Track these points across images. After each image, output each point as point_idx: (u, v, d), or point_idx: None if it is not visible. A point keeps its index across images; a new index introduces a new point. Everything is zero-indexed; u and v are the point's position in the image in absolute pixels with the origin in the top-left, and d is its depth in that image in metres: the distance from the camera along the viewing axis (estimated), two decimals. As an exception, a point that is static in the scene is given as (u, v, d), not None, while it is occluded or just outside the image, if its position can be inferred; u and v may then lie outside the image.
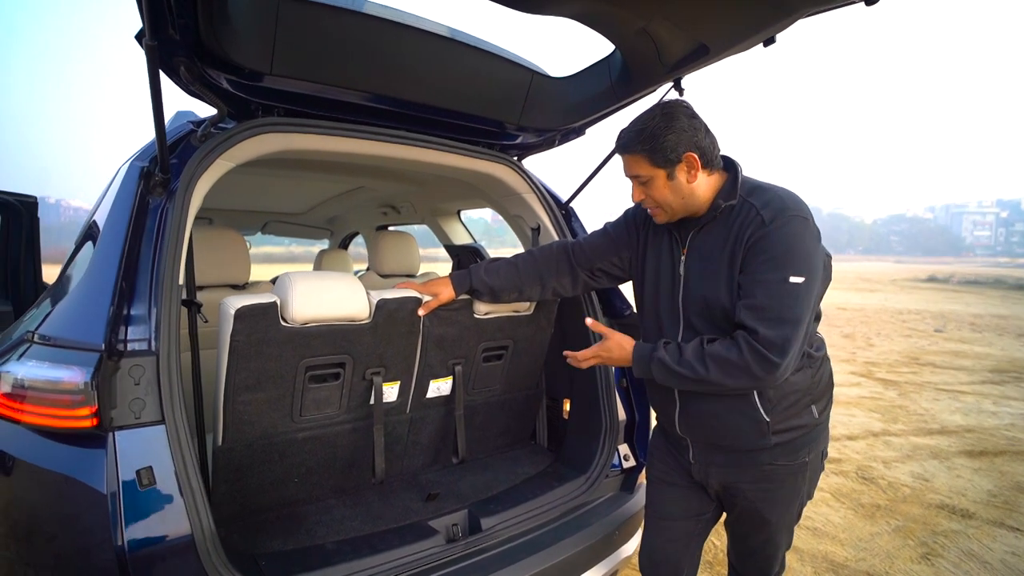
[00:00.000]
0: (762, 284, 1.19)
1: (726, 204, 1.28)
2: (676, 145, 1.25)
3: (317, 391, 1.58)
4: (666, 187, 1.29)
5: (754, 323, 1.17)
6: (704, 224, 1.33)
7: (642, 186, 1.33)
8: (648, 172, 1.29)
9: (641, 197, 1.35)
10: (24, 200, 2.55)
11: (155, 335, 1.19)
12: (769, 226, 1.20)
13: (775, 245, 1.19)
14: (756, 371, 1.16)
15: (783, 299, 1.17)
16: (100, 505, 1.06)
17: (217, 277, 2.06)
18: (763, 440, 1.29)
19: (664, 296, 1.40)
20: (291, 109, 1.60)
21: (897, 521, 2.99)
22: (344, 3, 1.40)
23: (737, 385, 1.21)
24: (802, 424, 1.31)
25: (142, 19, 1.05)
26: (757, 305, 1.18)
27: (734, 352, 1.18)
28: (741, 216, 1.25)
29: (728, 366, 1.19)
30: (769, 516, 1.37)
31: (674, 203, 1.31)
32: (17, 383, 1.13)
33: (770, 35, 1.37)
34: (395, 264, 2.82)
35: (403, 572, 1.40)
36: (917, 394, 5.81)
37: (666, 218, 1.36)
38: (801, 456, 1.33)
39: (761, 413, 1.27)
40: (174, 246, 1.29)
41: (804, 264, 1.18)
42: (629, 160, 1.33)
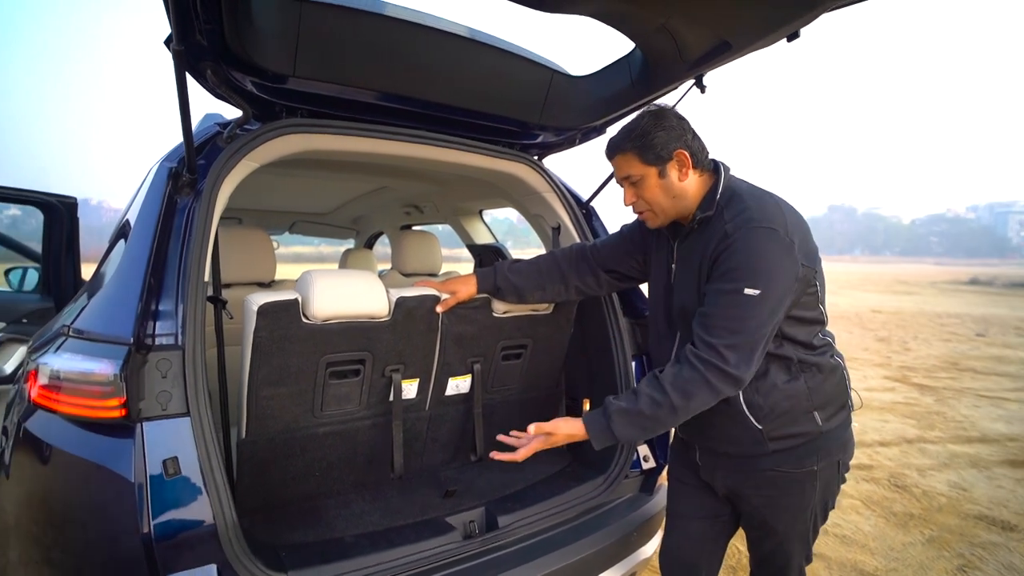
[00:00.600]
0: (716, 295, 1.20)
1: (702, 216, 1.28)
2: (666, 142, 1.26)
3: (337, 387, 1.61)
4: (658, 186, 1.30)
5: (701, 331, 1.19)
6: (687, 234, 1.34)
7: (633, 187, 1.33)
8: (639, 171, 1.30)
9: (633, 200, 1.35)
10: (64, 201, 2.66)
11: (181, 330, 1.23)
12: (731, 238, 1.20)
13: (732, 256, 1.19)
14: (714, 383, 1.16)
15: (734, 309, 1.16)
16: (128, 493, 1.10)
17: (243, 275, 2.11)
18: (760, 447, 1.27)
19: (659, 303, 1.43)
20: (314, 110, 1.63)
21: (932, 531, 2.89)
22: (364, 5, 1.42)
23: (704, 401, 1.19)
24: (803, 432, 1.27)
25: (170, 25, 1.09)
26: (709, 314, 1.19)
27: (686, 369, 1.18)
28: (713, 228, 1.26)
29: (687, 385, 1.18)
30: (775, 524, 1.34)
31: (665, 204, 1.31)
32: (54, 374, 1.18)
33: (794, 30, 1.34)
34: (417, 263, 2.85)
35: (420, 567, 1.41)
36: (956, 400, 5.60)
37: (658, 222, 1.36)
38: (808, 464, 1.29)
39: (752, 421, 1.25)
40: (200, 244, 1.33)
41: (761, 276, 1.16)
42: (620, 161, 1.33)
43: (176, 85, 1.18)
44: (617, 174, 1.37)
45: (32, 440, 1.22)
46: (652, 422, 1.22)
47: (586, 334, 2.09)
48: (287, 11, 1.33)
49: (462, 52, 1.62)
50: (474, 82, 1.73)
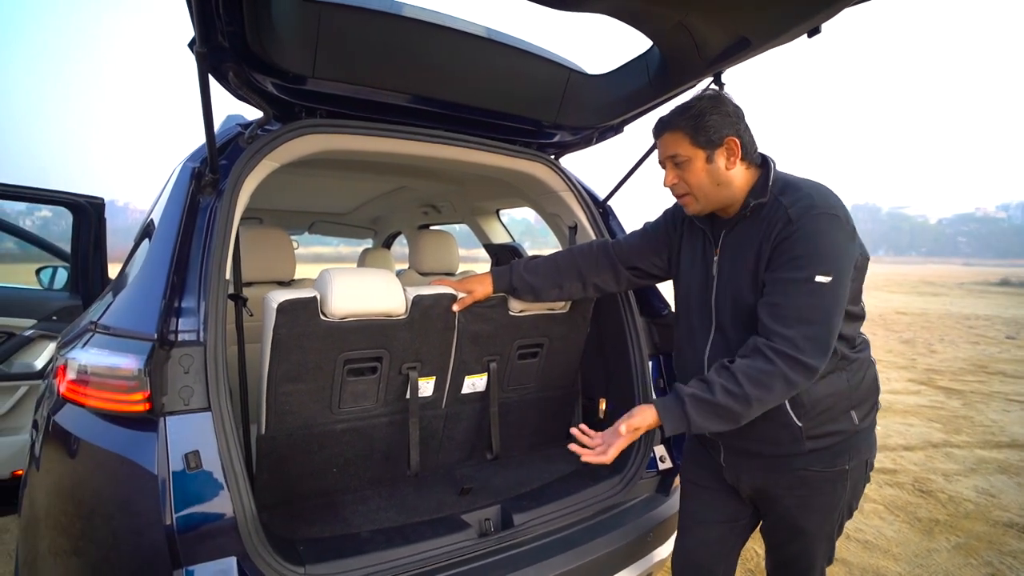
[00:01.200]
0: (784, 284, 1.15)
1: (756, 202, 1.24)
2: (720, 127, 1.23)
3: (355, 384, 1.63)
4: (703, 171, 1.26)
5: (773, 322, 1.14)
6: (736, 223, 1.30)
7: (677, 168, 1.29)
8: (687, 152, 1.26)
9: (674, 181, 1.30)
10: (92, 201, 2.73)
11: (203, 327, 1.26)
12: (796, 223, 1.16)
13: (800, 243, 1.15)
14: (792, 377, 1.12)
15: (807, 299, 1.13)
16: (151, 485, 1.13)
17: (264, 274, 2.15)
18: (796, 446, 1.24)
19: (696, 297, 1.38)
20: (333, 111, 1.65)
21: (958, 538, 2.81)
22: (382, 6, 1.44)
23: (779, 394, 1.15)
24: (840, 430, 1.25)
25: (193, 27, 1.11)
26: (778, 304, 1.15)
27: (760, 361, 1.13)
28: (770, 214, 1.22)
29: (762, 376, 1.13)
30: (805, 525, 1.31)
31: (708, 189, 1.27)
32: (81, 369, 1.21)
33: (815, 25, 1.32)
34: (434, 262, 2.87)
35: (435, 563, 1.42)
36: (984, 404, 5.45)
37: (697, 207, 1.31)
38: (840, 463, 1.27)
39: (792, 418, 1.22)
40: (222, 243, 1.36)
41: (832, 263, 1.14)
42: (669, 139, 1.29)
43: (199, 87, 1.20)
44: (662, 152, 1.32)
45: (61, 433, 1.26)
46: (726, 412, 1.16)
47: (603, 333, 2.09)
48: (306, 13, 1.36)
49: (479, 52, 1.63)
50: (491, 82, 1.74)
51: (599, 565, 1.54)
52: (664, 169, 1.34)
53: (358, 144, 1.70)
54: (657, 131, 1.33)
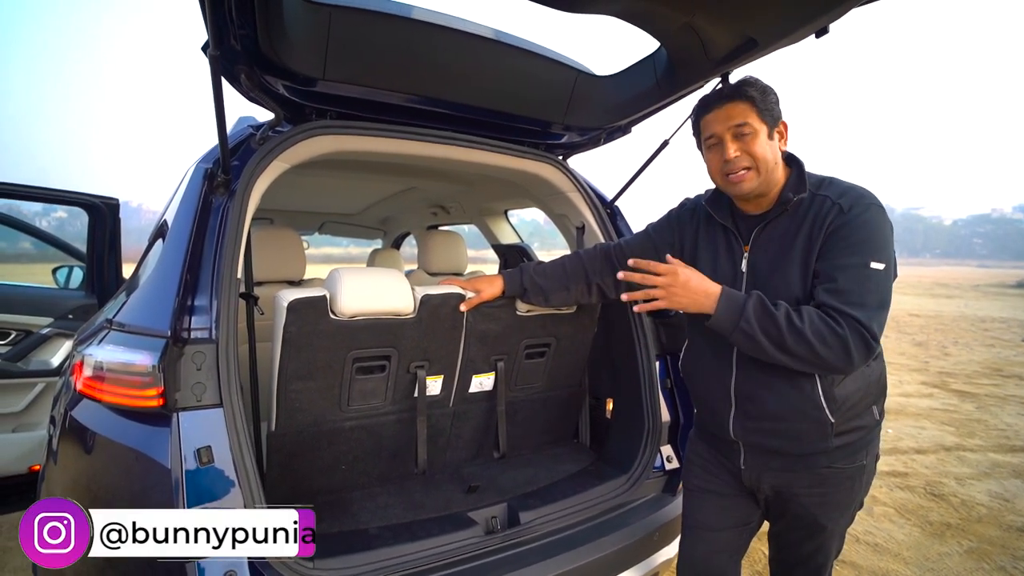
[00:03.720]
0: (843, 269, 1.15)
1: (796, 197, 1.24)
2: (777, 106, 1.25)
3: (364, 382, 1.65)
4: (767, 144, 1.25)
5: (842, 306, 1.13)
6: (771, 219, 1.28)
7: (740, 140, 1.25)
8: (755, 123, 1.24)
9: (737, 153, 1.25)
10: (107, 202, 2.78)
11: (215, 325, 1.29)
12: (849, 213, 1.17)
13: (856, 231, 1.16)
14: (853, 348, 1.11)
15: (866, 283, 1.13)
16: (165, 479, 1.16)
17: (274, 273, 2.18)
18: (824, 443, 1.23)
19: None
20: (343, 112, 1.68)
21: (970, 542, 2.78)
22: (391, 9, 1.45)
23: (825, 358, 1.13)
24: (864, 425, 1.26)
25: (207, 31, 1.13)
26: (840, 289, 1.14)
27: (831, 323, 1.12)
28: (814, 208, 1.22)
29: (828, 333, 1.12)
30: (824, 522, 1.31)
31: (771, 166, 1.25)
32: (97, 365, 1.24)
33: (823, 25, 1.32)
34: (442, 263, 2.89)
35: (442, 560, 1.43)
36: (999, 408, 5.38)
37: (755, 184, 1.26)
38: (859, 459, 1.27)
39: (827, 414, 1.21)
40: (234, 243, 1.39)
41: (884, 251, 1.15)
42: (736, 108, 1.25)
43: (212, 89, 1.23)
44: (724, 123, 1.26)
45: (78, 428, 1.29)
46: (775, 335, 1.15)
47: (610, 334, 2.09)
48: (317, 16, 1.38)
49: (487, 53, 1.64)
50: (499, 83, 1.75)
51: (605, 564, 1.54)
52: (714, 145, 1.30)
53: (368, 145, 1.73)
54: (717, 100, 1.29)
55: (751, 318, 1.17)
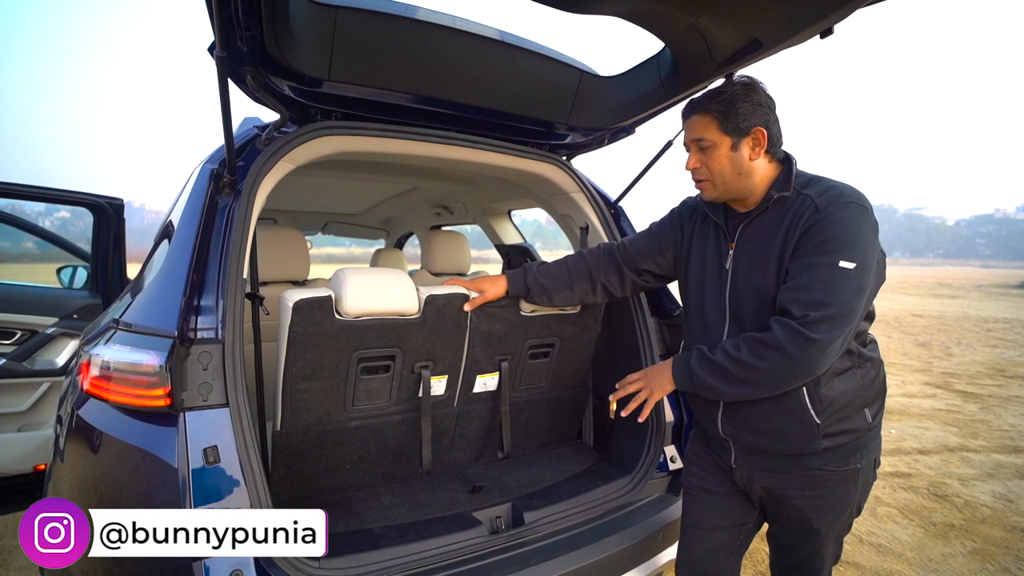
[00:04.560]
0: (809, 267, 1.15)
1: (779, 195, 1.25)
2: (749, 116, 1.24)
3: (368, 382, 1.65)
4: (726, 158, 1.27)
5: (790, 304, 1.15)
6: (754, 216, 1.30)
7: (700, 152, 1.30)
8: (714, 137, 1.27)
9: (696, 165, 1.32)
10: (112, 202, 2.79)
11: (221, 325, 1.29)
12: (824, 211, 1.17)
13: (827, 229, 1.16)
14: (790, 349, 1.12)
15: (829, 282, 1.13)
16: (172, 478, 1.16)
17: (279, 273, 2.18)
18: (812, 444, 1.24)
19: (710, 291, 1.38)
20: (348, 113, 1.68)
21: (974, 543, 2.78)
22: (396, 10, 1.46)
23: (773, 370, 1.15)
24: (854, 428, 1.25)
25: (213, 32, 1.14)
26: (798, 286, 1.15)
27: (766, 334, 1.17)
28: (795, 206, 1.23)
29: (760, 347, 1.16)
30: (817, 525, 1.31)
31: (729, 177, 1.28)
32: (104, 365, 1.25)
33: (827, 26, 1.32)
34: (446, 263, 2.89)
35: (447, 559, 1.44)
36: (1002, 408, 5.37)
37: (714, 194, 1.32)
38: (852, 462, 1.27)
39: (812, 415, 1.22)
40: (239, 243, 1.39)
41: (857, 250, 1.14)
42: (696, 122, 1.30)
43: (218, 90, 1.23)
44: (688, 135, 1.33)
45: (85, 427, 1.30)
46: (724, 373, 1.22)
47: (614, 334, 2.09)
48: (323, 17, 1.38)
49: (492, 54, 1.65)
50: (504, 84, 1.75)
51: (609, 564, 1.54)
52: (688, 152, 1.35)
53: (372, 146, 1.73)
54: (686, 113, 1.34)
55: (699, 373, 1.27)
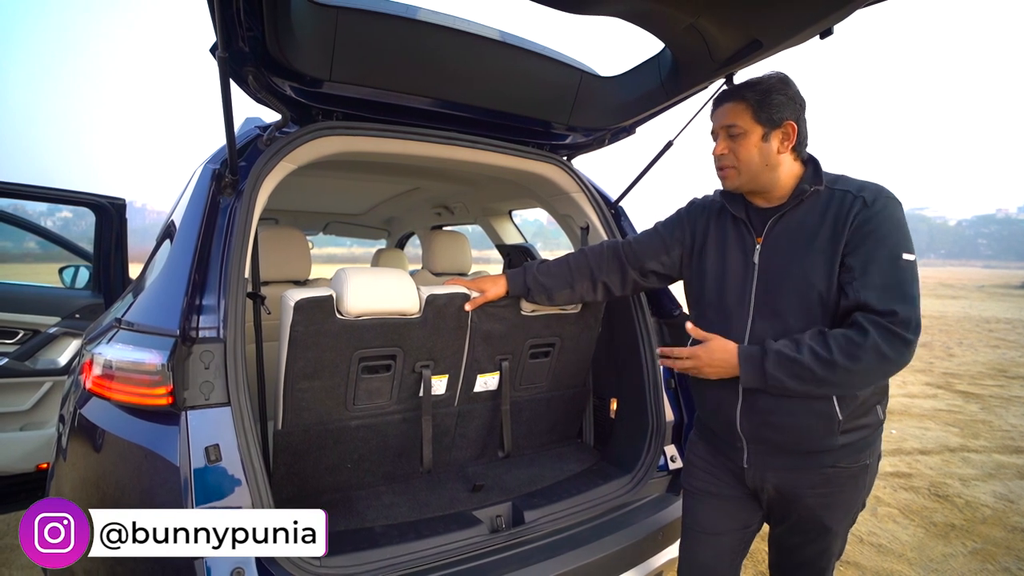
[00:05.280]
0: (878, 263, 1.16)
1: (813, 188, 1.26)
2: (782, 108, 1.25)
3: (369, 381, 1.66)
4: (756, 147, 1.27)
5: (880, 303, 1.13)
6: (786, 211, 1.29)
7: (730, 140, 1.30)
8: (746, 125, 1.27)
9: (724, 151, 1.32)
10: (114, 202, 2.80)
11: (223, 324, 1.30)
12: (873, 206, 1.18)
13: (883, 225, 1.17)
14: (887, 352, 1.11)
15: (901, 276, 1.14)
16: (174, 476, 1.17)
17: (280, 273, 2.19)
18: (831, 440, 1.23)
19: (732, 285, 1.35)
20: (349, 113, 1.69)
21: (975, 543, 2.78)
22: (397, 11, 1.46)
23: (864, 370, 1.13)
24: (868, 424, 1.26)
25: (216, 33, 1.14)
26: (878, 284, 1.14)
27: (855, 331, 1.14)
28: (835, 201, 1.23)
29: (853, 347, 1.12)
30: (829, 523, 1.31)
31: (756, 167, 1.28)
32: (107, 364, 1.25)
33: (827, 26, 1.32)
34: (447, 263, 2.89)
35: (447, 558, 1.44)
36: (1004, 409, 5.36)
37: (737, 183, 1.32)
38: (863, 458, 1.28)
39: (836, 409, 1.21)
40: (241, 242, 1.40)
41: (911, 243, 1.18)
42: (730, 108, 1.30)
43: (220, 90, 1.24)
44: (719, 121, 1.32)
45: (87, 426, 1.30)
46: (809, 375, 1.16)
47: (614, 334, 2.10)
48: (324, 18, 1.39)
49: (492, 55, 1.65)
50: (504, 84, 1.76)
51: (609, 563, 1.55)
52: (716, 139, 1.35)
53: (373, 146, 1.73)
54: (719, 99, 1.34)
55: (775, 375, 1.19)
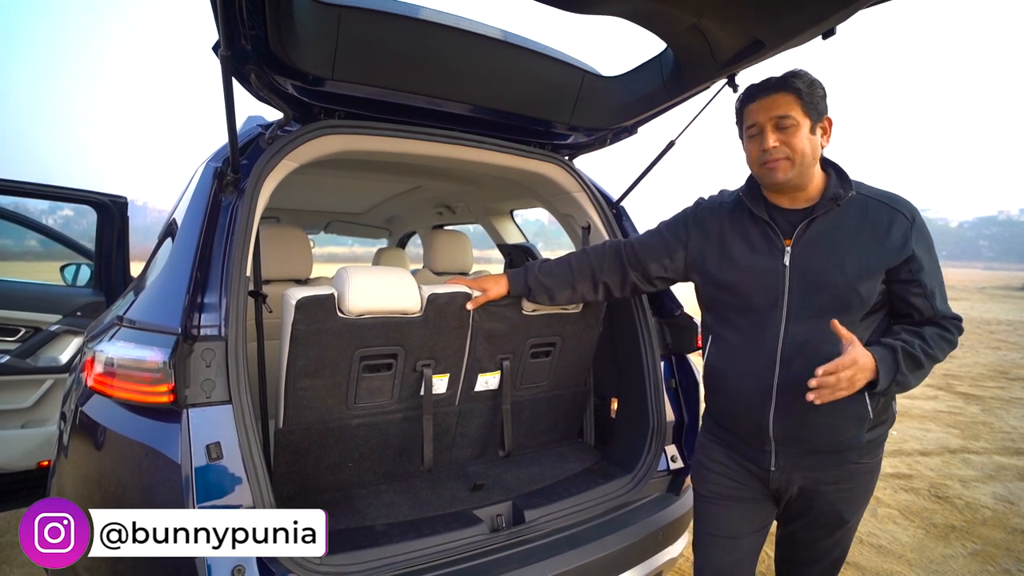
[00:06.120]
0: (935, 276, 1.28)
1: (848, 195, 1.28)
2: (823, 100, 1.27)
3: (371, 380, 1.66)
4: (807, 139, 1.26)
5: (949, 310, 1.28)
6: (819, 215, 1.28)
7: (781, 131, 1.26)
8: (798, 116, 1.25)
9: (776, 144, 1.26)
10: (116, 200, 2.80)
11: (224, 322, 1.30)
12: (915, 223, 1.26)
13: (926, 238, 1.27)
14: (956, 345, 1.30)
15: (943, 282, 1.30)
16: (175, 474, 1.17)
17: (282, 272, 2.19)
18: (858, 437, 1.27)
19: (762, 290, 1.32)
20: (351, 112, 1.69)
21: (975, 544, 2.78)
22: (400, 10, 1.46)
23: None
24: (888, 419, 1.33)
25: (218, 31, 1.14)
26: (940, 295, 1.27)
27: (947, 335, 1.27)
28: (872, 210, 1.27)
29: (946, 344, 1.27)
30: (848, 517, 1.35)
31: (808, 159, 1.26)
32: (108, 361, 1.25)
33: (830, 27, 1.32)
34: (448, 262, 2.90)
35: (448, 557, 1.44)
36: (1004, 411, 5.36)
37: (789, 175, 1.27)
38: (878, 453, 1.34)
39: (868, 408, 1.25)
40: (243, 241, 1.40)
41: None
42: (781, 99, 1.26)
43: (223, 89, 1.24)
44: (767, 113, 1.27)
45: (89, 423, 1.31)
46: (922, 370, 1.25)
47: (615, 334, 2.10)
48: (327, 16, 1.39)
49: (494, 54, 1.65)
50: (506, 83, 1.76)
51: (609, 562, 1.55)
52: (756, 133, 1.30)
53: (375, 145, 1.74)
54: (767, 90, 1.29)
55: (905, 371, 1.21)
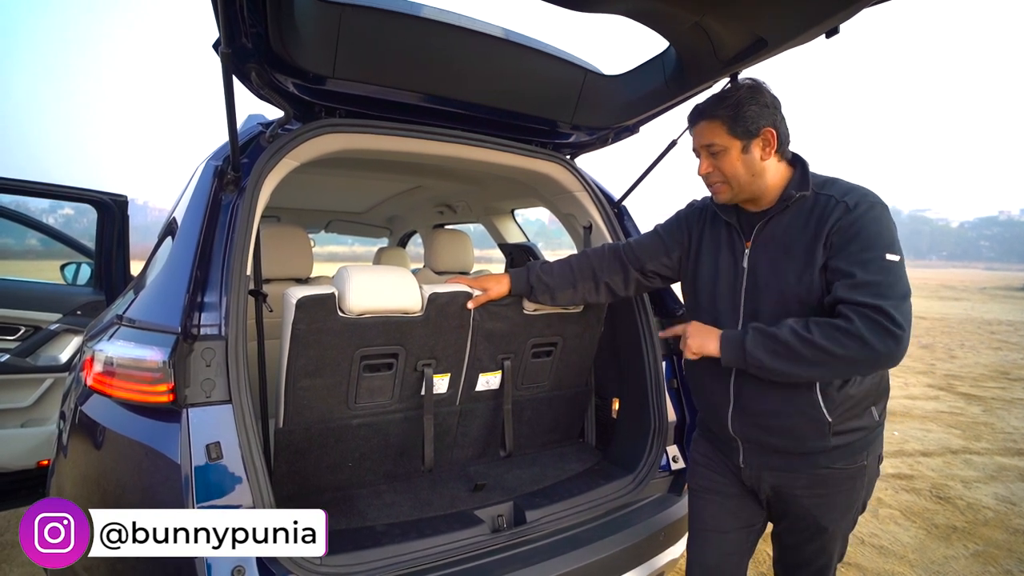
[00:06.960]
0: (862, 263, 1.15)
1: (799, 194, 1.25)
2: (757, 118, 1.24)
3: (371, 380, 1.65)
4: (739, 160, 1.27)
5: (865, 297, 1.12)
6: (772, 215, 1.29)
7: (712, 157, 1.29)
8: (724, 142, 1.26)
9: (709, 170, 1.31)
10: (116, 199, 2.80)
11: (224, 322, 1.29)
12: (855, 211, 1.18)
13: (865, 227, 1.17)
14: (873, 342, 1.09)
15: (886, 275, 1.13)
16: (174, 474, 1.16)
17: (282, 271, 2.19)
18: (822, 442, 1.24)
19: (724, 289, 1.36)
20: (352, 110, 1.68)
21: (976, 545, 2.77)
22: (401, 8, 1.46)
23: (847, 357, 1.12)
24: (863, 426, 1.26)
25: (218, 29, 1.14)
26: (864, 282, 1.13)
27: (840, 322, 1.12)
28: (819, 206, 1.23)
29: (835, 332, 1.11)
30: (825, 523, 1.31)
31: (743, 179, 1.28)
32: (108, 360, 1.25)
33: (833, 25, 1.32)
34: (449, 261, 2.89)
35: (449, 557, 1.44)
36: (1005, 411, 5.35)
37: (729, 196, 1.32)
38: (860, 459, 1.27)
39: (823, 413, 1.22)
40: (243, 240, 1.39)
41: (896, 244, 1.17)
42: (705, 127, 1.29)
43: (223, 87, 1.23)
44: (698, 141, 1.32)
45: (88, 423, 1.30)
46: (784, 350, 1.16)
47: (617, 333, 2.09)
48: (328, 14, 1.38)
49: (496, 52, 1.64)
50: (508, 82, 1.75)
51: (611, 563, 1.54)
52: (698, 157, 1.34)
53: (376, 143, 1.73)
54: (693, 119, 1.33)
55: (753, 350, 1.20)
